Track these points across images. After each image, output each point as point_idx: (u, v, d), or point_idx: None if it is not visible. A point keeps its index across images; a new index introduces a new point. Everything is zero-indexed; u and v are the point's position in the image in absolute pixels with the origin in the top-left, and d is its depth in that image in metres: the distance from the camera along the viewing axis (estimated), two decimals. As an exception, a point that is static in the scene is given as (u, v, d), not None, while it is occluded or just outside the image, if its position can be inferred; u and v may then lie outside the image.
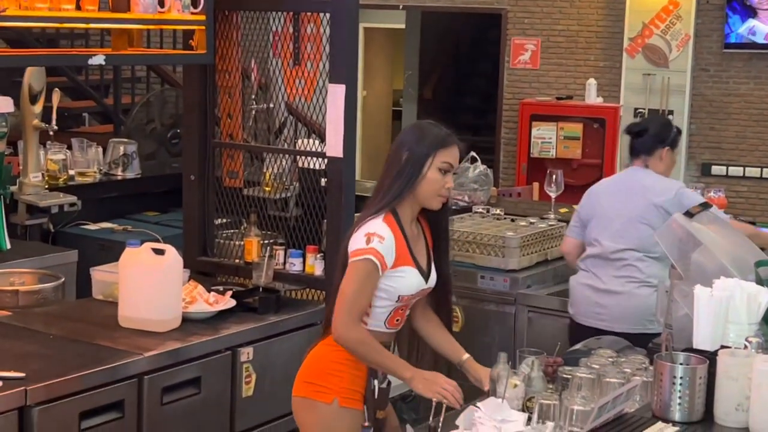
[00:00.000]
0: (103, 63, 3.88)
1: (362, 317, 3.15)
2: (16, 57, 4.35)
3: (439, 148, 3.16)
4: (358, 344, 3.11)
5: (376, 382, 3.18)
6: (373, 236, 3.09)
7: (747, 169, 8.97)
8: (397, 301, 3.20)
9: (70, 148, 5.92)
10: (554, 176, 5.46)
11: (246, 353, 3.84)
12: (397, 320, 3.25)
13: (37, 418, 3.11)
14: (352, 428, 3.18)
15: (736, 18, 8.88)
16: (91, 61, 3.81)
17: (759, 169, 8.97)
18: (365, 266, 3.08)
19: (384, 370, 3.16)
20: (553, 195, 5.49)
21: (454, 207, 5.73)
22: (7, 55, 4.40)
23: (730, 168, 8.89)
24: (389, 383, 3.22)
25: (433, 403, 2.74)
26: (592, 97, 9.21)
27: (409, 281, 3.18)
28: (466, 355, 3.32)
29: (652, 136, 4.36)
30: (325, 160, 4.29)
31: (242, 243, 4.51)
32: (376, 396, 3.18)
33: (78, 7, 3.65)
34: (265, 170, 4.79)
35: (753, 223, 5.64)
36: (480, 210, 5.52)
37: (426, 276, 3.22)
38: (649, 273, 4.18)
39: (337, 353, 3.19)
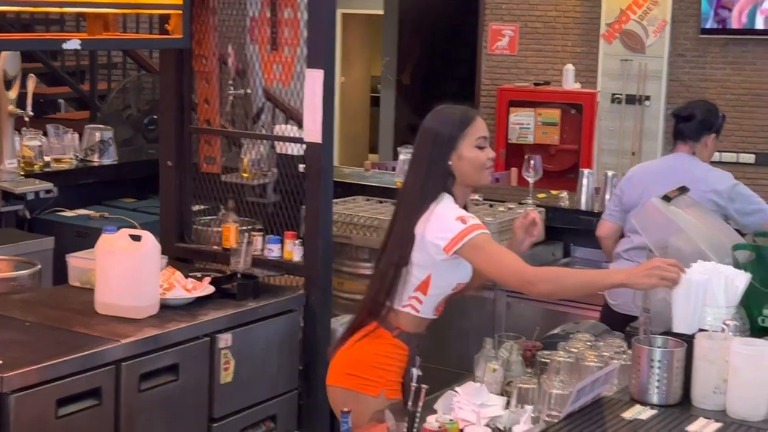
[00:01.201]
0: (79, 47, 3.85)
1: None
2: (-10, 42, 4.32)
3: (467, 124, 3.13)
4: (555, 284, 3.06)
5: (414, 370, 3.04)
6: (465, 217, 3.06)
7: (723, 154, 9.00)
8: (452, 290, 3.20)
9: (45, 134, 5.89)
10: (532, 162, 5.46)
11: (224, 339, 3.82)
12: (442, 308, 3.25)
13: (13, 405, 3.09)
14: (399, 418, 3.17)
15: (710, 1, 8.89)
16: (65, 46, 3.78)
17: (735, 154, 9.00)
18: (482, 240, 3.03)
19: (594, 287, 3.22)
20: (531, 180, 5.49)
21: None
22: (-20, 40, 4.36)
23: (707, 153, 8.91)
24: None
25: (412, 388, 2.73)
26: (570, 82, 9.22)
27: (465, 268, 3.17)
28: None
29: (699, 121, 4.31)
30: (303, 146, 4.28)
31: (220, 229, 4.50)
32: (413, 382, 3.05)
33: (53, -9, 3.63)
34: (242, 156, 4.77)
35: None
36: (458, 195, 5.51)
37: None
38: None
39: (386, 346, 3.17)
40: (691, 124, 4.31)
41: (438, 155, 3.11)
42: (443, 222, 3.05)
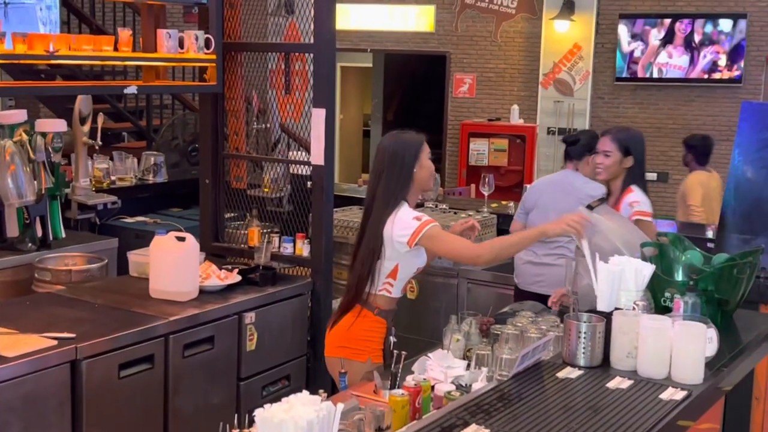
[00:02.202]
0: (135, 92, 3.82)
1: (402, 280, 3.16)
2: (68, 87, 4.29)
3: (422, 143, 3.19)
4: (494, 250, 3.10)
5: (391, 338, 3.19)
6: (420, 216, 3.09)
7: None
8: (413, 274, 3.25)
9: (112, 159, 5.86)
10: (487, 179, 5.44)
11: (249, 317, 3.79)
12: (407, 288, 3.32)
13: (85, 369, 3.07)
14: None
15: (623, 57, 8.92)
16: (126, 91, 3.76)
17: (642, 173, 9.00)
18: (436, 229, 3.07)
19: (523, 243, 3.24)
20: (486, 193, 5.47)
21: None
22: (61, 86, 4.32)
23: (620, 172, 8.90)
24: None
25: (393, 354, 2.71)
26: (515, 118, 9.23)
27: (423, 256, 3.22)
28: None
29: (582, 145, 4.32)
30: (311, 167, 4.25)
31: (246, 232, 4.46)
32: (391, 348, 3.16)
33: (115, 49, 3.59)
34: (264, 175, 4.74)
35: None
36: (430, 205, 5.50)
37: None
38: (574, 251, 4.14)
39: (369, 322, 3.17)
40: (576, 148, 4.34)
41: (406, 164, 3.14)
42: (404, 222, 3.08)
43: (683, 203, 6.25)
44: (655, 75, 8.90)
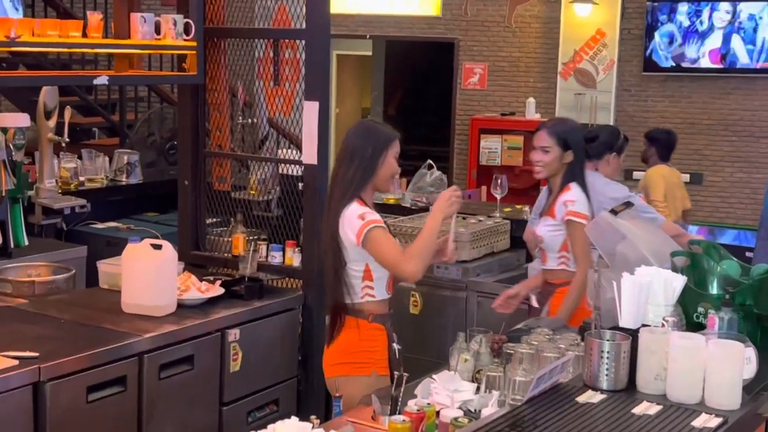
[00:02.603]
0: (106, 83, 3.83)
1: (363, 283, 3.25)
2: (32, 77, 4.31)
3: (392, 140, 3.30)
4: (419, 252, 3.19)
5: (395, 345, 3.28)
6: (364, 214, 3.19)
7: (663, 174, 9.01)
8: None
9: (80, 157, 5.87)
10: (499, 181, 5.45)
11: (233, 334, 3.79)
12: (391, 284, 3.34)
13: (49, 392, 3.06)
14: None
15: (652, 44, 8.92)
16: (95, 81, 3.77)
17: (673, 175, 9.01)
18: (377, 231, 3.17)
19: (435, 232, 3.25)
20: (498, 196, 5.48)
21: (414, 207, 5.72)
22: (24, 76, 4.34)
23: (649, 173, 8.91)
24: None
25: (395, 376, 2.71)
26: (531, 113, 9.24)
27: None
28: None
29: (602, 142, 4.32)
30: (302, 167, 4.25)
31: (230, 239, 4.47)
32: (396, 356, 3.28)
33: (84, 35, 3.60)
34: (250, 176, 4.74)
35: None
36: (436, 210, 5.48)
37: None
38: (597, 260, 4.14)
39: (367, 331, 3.25)
40: (594, 145, 4.34)
41: (370, 156, 3.25)
42: (351, 221, 3.19)
43: (645, 199, 6.32)
44: (688, 65, 8.90)
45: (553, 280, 3.94)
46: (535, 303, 3.99)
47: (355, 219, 3.18)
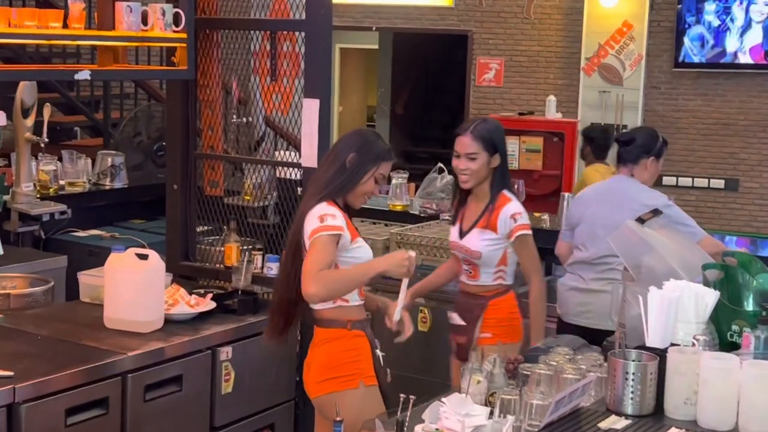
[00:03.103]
0: (89, 78, 3.84)
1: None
2: (7, 72, 4.31)
3: (383, 160, 3.36)
4: (330, 284, 3.20)
5: (378, 351, 3.34)
6: (325, 216, 3.23)
7: (695, 179, 9.02)
8: None
9: (60, 159, 5.88)
10: (516, 186, 5.45)
11: (225, 352, 3.80)
12: (362, 290, 3.40)
13: (24, 415, 3.06)
14: (380, 403, 3.29)
15: (686, 32, 8.93)
16: (77, 76, 3.77)
17: (706, 179, 9.02)
18: (324, 239, 3.20)
19: (365, 279, 3.29)
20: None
21: (423, 215, 5.72)
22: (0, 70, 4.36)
23: (680, 178, 8.93)
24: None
25: (401, 399, 2.71)
26: (552, 112, 9.22)
27: (365, 250, 3.37)
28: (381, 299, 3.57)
29: (638, 146, 4.32)
30: (301, 171, 4.26)
31: (222, 249, 4.47)
32: (381, 363, 3.34)
33: (65, 26, 3.61)
34: (245, 180, 4.75)
35: None
36: (447, 217, 5.50)
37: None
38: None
39: (346, 340, 3.30)
40: (630, 148, 4.33)
41: (358, 166, 3.31)
42: (311, 219, 3.26)
43: None
44: (724, 60, 8.89)
45: (484, 293, 3.94)
46: (459, 321, 3.95)
47: (315, 218, 3.25)
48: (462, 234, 3.93)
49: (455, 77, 10.47)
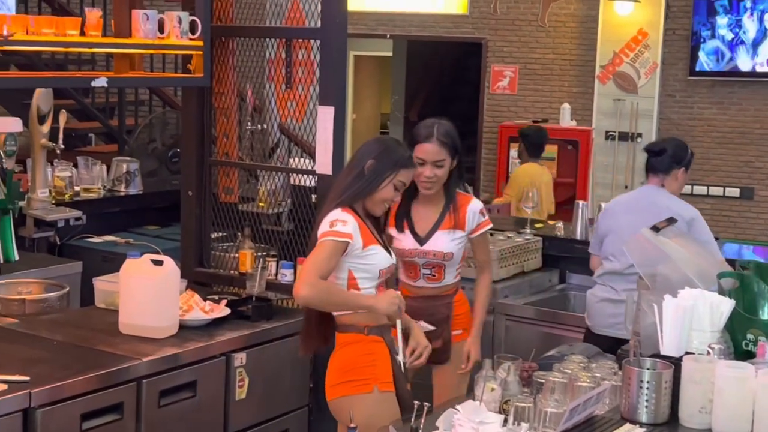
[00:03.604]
0: (105, 85, 3.87)
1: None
2: (24, 78, 4.35)
3: (402, 167, 3.35)
4: (322, 293, 3.22)
5: (399, 357, 3.33)
6: (336, 222, 3.25)
7: (710, 188, 8.99)
8: (378, 278, 3.36)
9: (76, 166, 5.92)
10: (530, 194, 5.46)
11: (239, 358, 3.81)
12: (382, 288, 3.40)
13: (40, 420, 3.08)
14: (395, 409, 3.27)
15: (700, 47, 8.92)
16: (94, 83, 3.80)
17: (722, 188, 9.00)
18: (329, 244, 3.22)
19: (352, 307, 3.31)
20: (529, 211, 5.48)
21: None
22: (17, 77, 4.39)
23: (695, 187, 8.90)
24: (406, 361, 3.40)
25: (415, 406, 2.72)
26: (566, 120, 9.23)
27: (381, 257, 3.36)
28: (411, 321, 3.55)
29: (669, 156, 4.33)
30: (315, 178, 4.28)
31: (237, 255, 4.49)
32: (402, 370, 3.33)
33: (82, 33, 3.64)
34: (259, 187, 4.78)
35: (716, 239, 5.67)
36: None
37: (390, 253, 3.43)
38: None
39: (363, 345, 3.31)
40: (662, 158, 4.33)
41: (377, 172, 3.32)
42: (323, 223, 3.28)
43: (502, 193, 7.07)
44: (741, 68, 8.88)
45: (446, 292, 3.92)
46: (429, 327, 3.80)
47: (327, 223, 3.27)
48: (422, 240, 3.81)
49: (469, 85, 10.47)
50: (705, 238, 4.24)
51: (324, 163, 4.19)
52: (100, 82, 3.81)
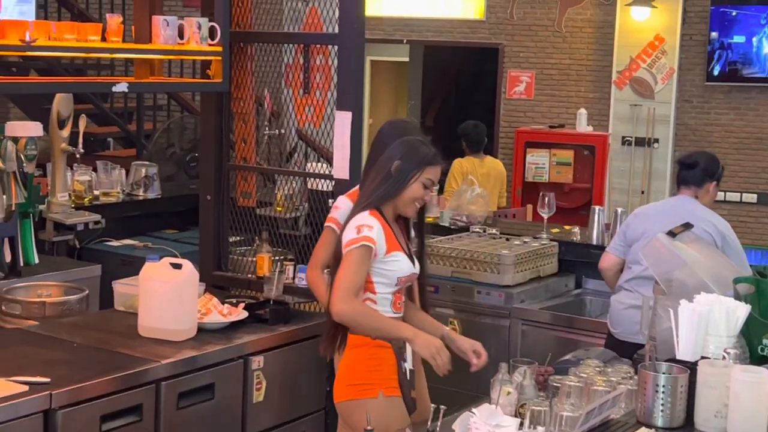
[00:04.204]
0: (126, 90, 3.90)
1: (359, 295, 3.27)
2: (47, 84, 4.39)
3: (428, 165, 3.33)
4: (358, 315, 3.22)
5: (405, 364, 3.31)
6: (363, 227, 3.24)
7: (727, 194, 8.97)
8: (396, 285, 3.35)
9: (95, 170, 5.95)
10: (546, 199, 5.47)
11: (257, 361, 3.84)
12: (399, 304, 3.39)
13: (60, 421, 3.11)
14: (401, 413, 3.28)
15: (717, 53, 8.91)
16: (115, 89, 3.83)
17: (738, 194, 8.98)
18: (358, 252, 3.21)
19: (387, 334, 3.26)
20: (545, 216, 5.49)
21: (453, 227, 5.75)
22: (40, 82, 4.42)
23: (712, 193, 8.87)
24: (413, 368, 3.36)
25: (431, 408, 2.74)
26: (583, 125, 9.24)
27: (402, 264, 3.34)
28: (446, 329, 3.50)
29: (702, 169, 4.34)
30: (332, 182, 4.30)
31: (254, 259, 4.52)
32: (408, 377, 3.31)
33: (103, 39, 3.68)
34: (276, 191, 4.80)
35: None
36: (477, 229, 5.52)
37: (413, 261, 3.40)
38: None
39: (369, 349, 3.30)
40: (695, 171, 4.34)
41: (401, 173, 3.30)
42: (350, 228, 3.27)
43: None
44: (758, 74, 8.86)
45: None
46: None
47: (353, 228, 3.26)
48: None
49: (486, 90, 10.49)
50: (737, 250, 4.24)
51: (341, 168, 4.22)
52: (121, 87, 3.84)
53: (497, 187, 7.56)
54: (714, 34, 8.93)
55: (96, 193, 5.82)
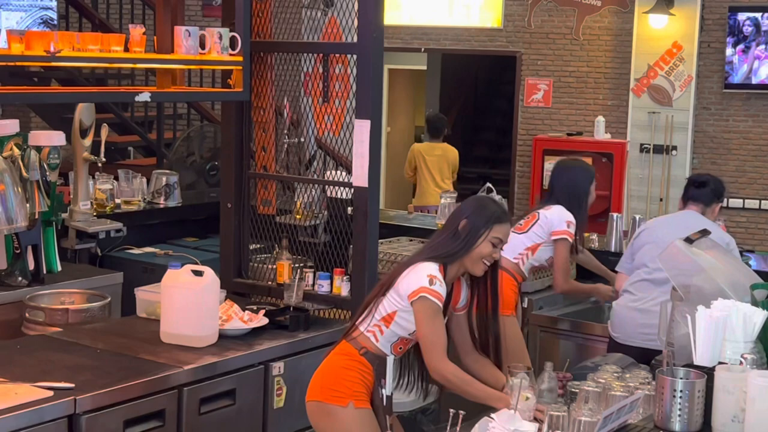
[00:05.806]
0: (149, 100, 3.94)
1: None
2: (71, 94, 4.44)
3: (496, 223, 3.28)
4: (453, 376, 3.19)
5: (383, 390, 3.28)
6: (435, 279, 3.20)
7: (746, 201, 8.96)
8: (408, 335, 3.31)
9: (116, 178, 5.99)
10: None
11: (277, 367, 3.87)
12: (400, 348, 3.36)
13: (85, 426, 3.16)
14: (371, 427, 3.25)
15: (735, 60, 8.90)
16: (137, 98, 3.87)
17: (757, 201, 8.96)
18: (434, 307, 3.19)
19: (477, 400, 3.20)
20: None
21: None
22: (63, 92, 4.46)
23: (730, 200, 8.87)
24: (391, 394, 3.31)
25: (450, 414, 2.76)
26: (601, 133, 9.24)
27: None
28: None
29: (712, 189, 4.44)
30: (352, 190, 4.33)
31: (274, 266, 4.55)
32: (384, 403, 3.28)
33: (126, 49, 3.72)
34: (296, 199, 4.83)
35: (751, 251, 5.70)
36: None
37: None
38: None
39: (351, 361, 3.30)
40: (705, 190, 4.44)
41: (471, 229, 3.26)
42: (417, 274, 3.22)
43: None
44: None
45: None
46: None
47: (425, 276, 3.21)
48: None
49: (503, 98, 10.51)
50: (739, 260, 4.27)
51: (360, 176, 4.25)
52: (144, 96, 3.89)
53: (448, 169, 8.60)
54: (732, 41, 8.91)
55: (117, 201, 5.86)
